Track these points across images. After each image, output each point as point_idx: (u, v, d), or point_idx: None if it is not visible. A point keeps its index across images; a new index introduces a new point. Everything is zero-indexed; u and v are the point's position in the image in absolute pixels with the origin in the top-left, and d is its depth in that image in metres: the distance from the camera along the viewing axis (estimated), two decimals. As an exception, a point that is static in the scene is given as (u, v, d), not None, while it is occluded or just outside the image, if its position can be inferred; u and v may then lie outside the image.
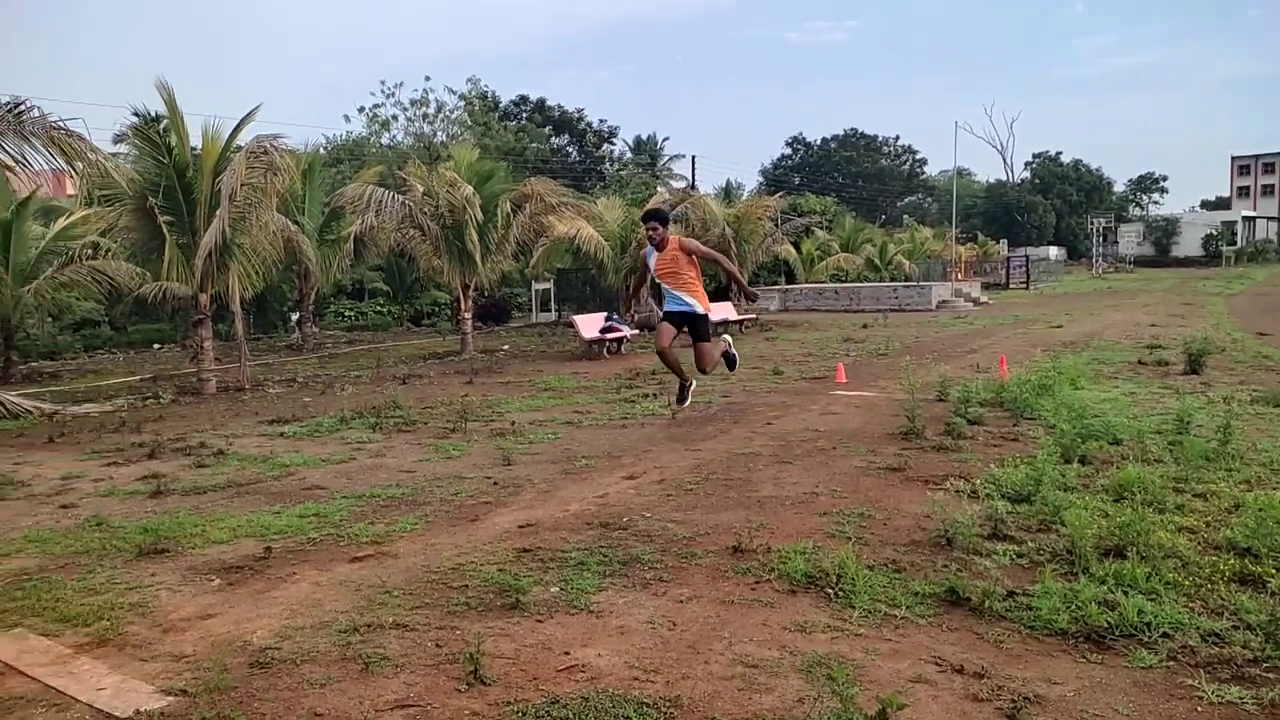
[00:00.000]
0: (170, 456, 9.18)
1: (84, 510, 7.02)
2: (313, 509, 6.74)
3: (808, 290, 36.64)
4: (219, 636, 4.33)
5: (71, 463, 9.06)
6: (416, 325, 32.25)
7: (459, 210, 19.62)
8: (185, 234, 14.72)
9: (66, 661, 4.08)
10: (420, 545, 5.76)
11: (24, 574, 5.40)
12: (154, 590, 5.03)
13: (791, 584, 4.77)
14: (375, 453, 9.07)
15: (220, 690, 3.70)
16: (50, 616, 4.65)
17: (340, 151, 42.42)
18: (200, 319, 15.13)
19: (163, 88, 14.28)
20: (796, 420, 10.10)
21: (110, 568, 5.48)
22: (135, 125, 15.29)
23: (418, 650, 4.09)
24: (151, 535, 6.06)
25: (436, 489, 7.32)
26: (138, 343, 25.38)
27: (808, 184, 71.78)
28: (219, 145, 14.80)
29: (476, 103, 48.61)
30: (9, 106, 11.19)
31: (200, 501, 7.19)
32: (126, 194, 14.48)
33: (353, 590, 4.93)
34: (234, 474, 8.23)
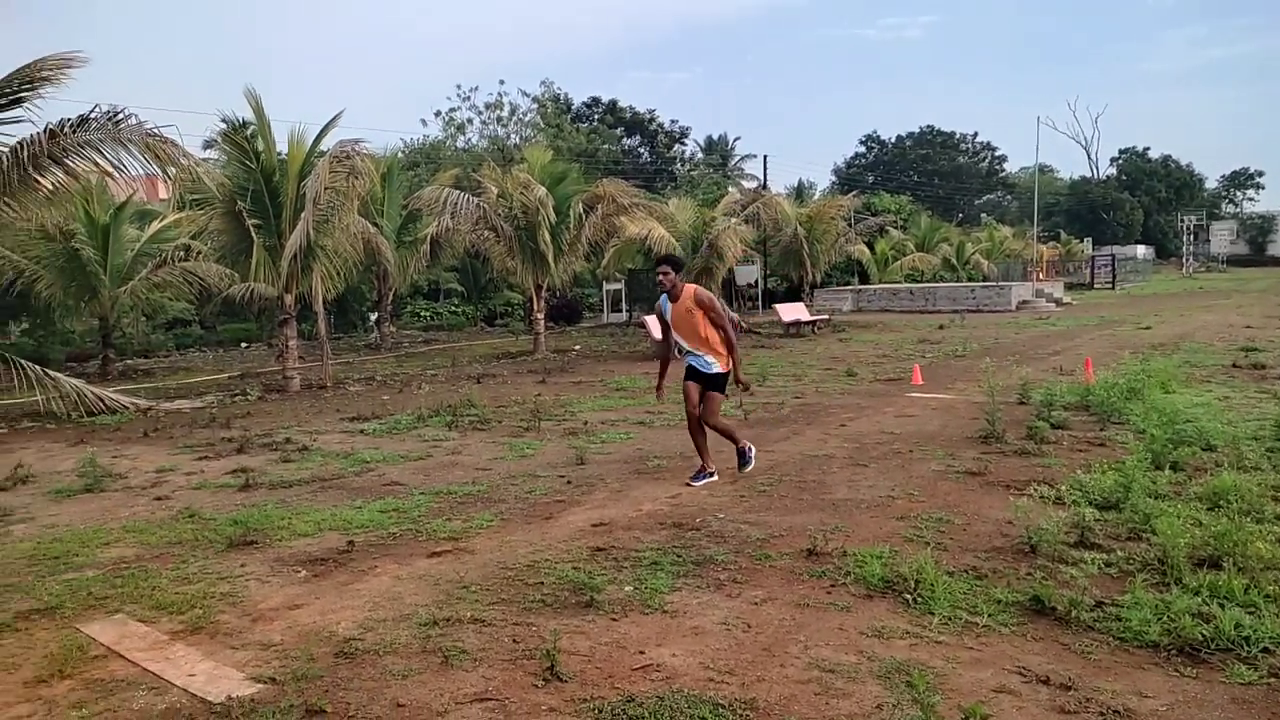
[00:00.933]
0: (258, 451, 9.50)
1: (177, 502, 7.31)
2: (392, 504, 6.90)
3: (881, 291, 36.05)
4: (305, 627, 4.46)
5: (165, 456, 9.45)
6: (490, 325, 32.72)
7: (532, 212, 19.85)
8: (271, 236, 15.21)
9: (163, 647, 4.26)
10: (496, 542, 5.85)
11: (123, 562, 5.65)
12: (244, 580, 5.21)
13: (868, 588, 4.70)
14: (451, 450, 9.23)
15: (307, 679, 3.81)
16: (147, 604, 4.86)
17: (417, 155, 43.31)
18: (285, 319, 15.61)
19: (251, 95, 14.78)
20: (871, 422, 9.95)
21: (202, 558, 5.69)
22: (225, 131, 15.88)
23: (495, 645, 4.15)
24: (241, 527, 6.28)
25: (511, 487, 7.42)
26: (226, 341, 26.33)
27: (882, 183, 70.60)
28: (304, 150, 15.25)
29: (549, 105, 49.11)
30: (108, 115, 11.70)
31: (286, 495, 7.42)
32: (216, 198, 15.04)
33: (431, 585, 5.03)
34: (317, 469, 8.48)
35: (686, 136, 62.40)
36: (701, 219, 25.69)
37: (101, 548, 6.01)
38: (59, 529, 6.56)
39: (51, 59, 11.85)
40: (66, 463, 9.21)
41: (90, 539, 6.21)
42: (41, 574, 5.46)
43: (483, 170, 22.76)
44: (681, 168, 59.81)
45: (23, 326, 22.60)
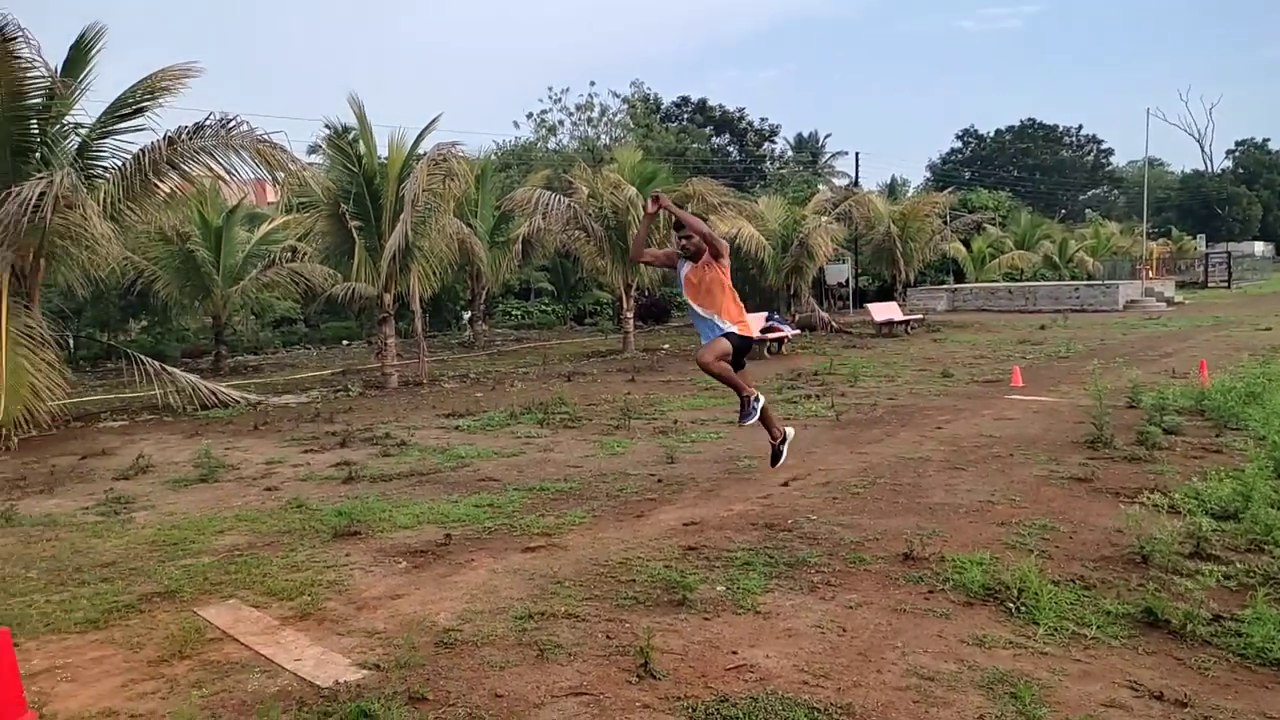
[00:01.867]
0: (359, 445, 9.83)
1: (285, 493, 7.63)
2: (487, 499, 7.05)
3: (978, 290, 35.03)
4: (407, 616, 4.60)
5: (274, 449, 9.86)
6: (579, 324, 33.08)
7: (622, 211, 19.99)
8: (372, 238, 15.71)
9: (274, 632, 4.45)
10: (588, 539, 5.91)
11: (236, 550, 5.92)
12: (348, 570, 5.40)
13: (968, 595, 4.58)
14: (543, 447, 9.37)
15: (409, 667, 3.93)
16: (259, 590, 5.08)
17: (509, 156, 44.06)
18: (384, 317, 16.10)
19: (354, 101, 15.29)
20: (969, 425, 9.68)
21: (310, 547, 5.93)
22: (329, 137, 16.49)
23: (589, 640, 4.20)
24: (345, 518, 6.51)
25: (602, 484, 7.49)
26: (329, 339, 27.30)
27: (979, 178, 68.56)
28: (403, 153, 15.70)
29: (639, 105, 49.31)
30: (221, 122, 12.28)
31: (387, 488, 7.66)
32: (321, 201, 15.61)
33: (526, 579, 5.12)
34: (415, 463, 8.72)
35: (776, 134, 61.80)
36: (791, 217, 25.43)
37: (216, 535, 6.31)
38: (177, 517, 6.92)
39: (171, 70, 12.50)
40: (183, 454, 9.70)
41: (206, 527, 6.53)
42: (162, 559, 5.76)
43: (573, 171, 23.02)
44: (771, 166, 59.31)
45: (142, 324, 23.91)
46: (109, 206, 11.64)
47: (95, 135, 12.33)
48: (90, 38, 12.01)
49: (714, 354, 6.33)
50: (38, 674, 4.01)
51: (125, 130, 12.42)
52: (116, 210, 11.96)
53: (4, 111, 11.12)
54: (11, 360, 10.85)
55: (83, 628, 4.60)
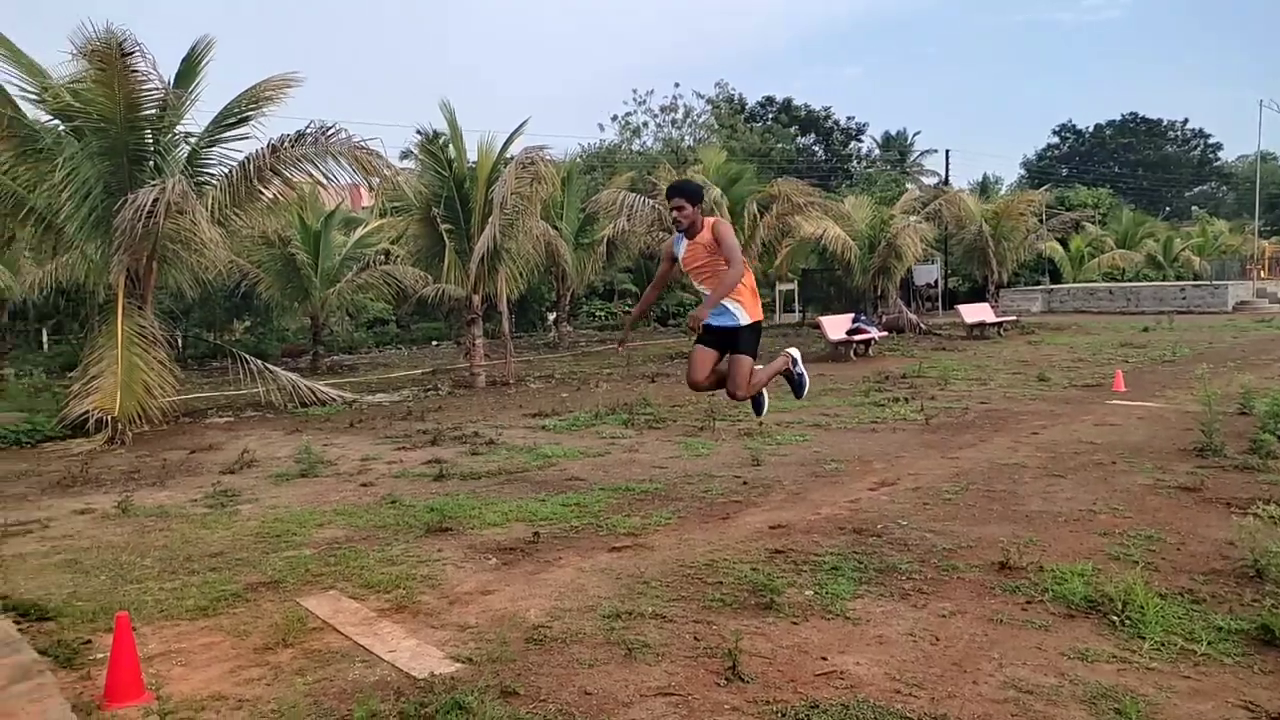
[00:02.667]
0: (449, 444, 10.05)
1: (380, 489, 7.86)
2: (574, 499, 7.13)
3: (1076, 290, 33.81)
4: (497, 612, 4.69)
5: (369, 446, 10.16)
6: (663, 325, 33.14)
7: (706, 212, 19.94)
8: (462, 240, 16.05)
9: (371, 623, 4.59)
10: (674, 540, 5.92)
11: (335, 543, 6.13)
12: (441, 565, 5.54)
13: (1069, 607, 4.43)
14: (628, 448, 9.42)
15: (501, 661, 4.00)
16: (357, 582, 5.25)
17: (594, 159, 44.43)
18: (473, 318, 16.43)
19: (445, 107, 15.67)
20: (1067, 431, 9.36)
21: (404, 542, 6.09)
22: (421, 142, 16.90)
23: (676, 641, 4.21)
24: (437, 515, 6.67)
25: (687, 486, 7.50)
26: (419, 339, 28.00)
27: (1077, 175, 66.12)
28: (492, 158, 16.00)
29: (723, 106, 49.16)
30: (321, 129, 12.71)
31: (476, 486, 7.82)
32: (414, 205, 16.03)
33: (613, 578, 5.16)
34: (503, 462, 8.87)
35: (863, 133, 60.83)
36: (879, 217, 24.97)
37: (316, 528, 6.55)
38: (280, 510, 7.20)
39: (274, 80, 13.00)
40: (284, 449, 10.09)
41: (306, 520, 6.78)
42: (266, 550, 6.00)
43: (658, 172, 23.11)
44: (857, 165, 58.38)
45: (245, 324, 24.95)
46: (216, 212, 12.18)
47: (204, 144, 12.91)
48: (200, 50, 12.59)
49: (700, 372, 5.65)
50: (154, 657, 4.23)
51: (231, 139, 12.97)
52: (223, 215, 12.50)
53: (122, 122, 11.73)
54: (126, 359, 11.45)
55: (193, 615, 4.82)
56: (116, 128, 11.77)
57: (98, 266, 12.57)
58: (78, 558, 5.93)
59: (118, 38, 10.97)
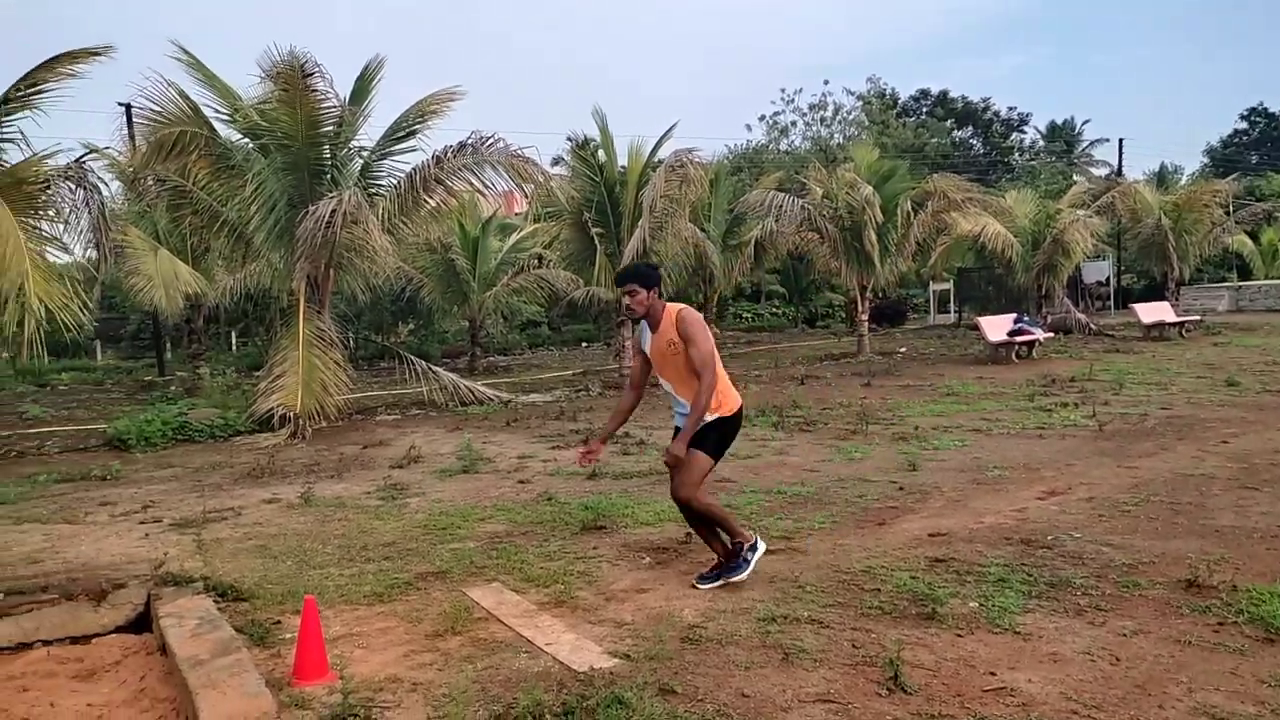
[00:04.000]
0: (601, 443, 10.24)
1: (537, 486, 8.11)
2: (725, 500, 7.10)
3: (1268, 287, 31.02)
4: (653, 610, 4.75)
5: (524, 445, 10.51)
6: (811, 327, 32.67)
7: (858, 211, 19.51)
8: (612, 244, 16.37)
9: (532, 615, 4.75)
10: (829, 544, 5.83)
11: (496, 537, 6.38)
12: (596, 562, 5.66)
13: (1268, 631, 4.08)
14: (779, 450, 9.34)
15: (657, 659, 4.06)
16: (518, 576, 5.44)
17: (740, 160, 44.28)
18: (622, 321, 16.69)
19: (598, 114, 16.05)
20: (1262, 440, 8.60)
21: (561, 538, 6.27)
22: (572, 148, 17.36)
23: (834, 648, 4.14)
24: (592, 513, 6.83)
25: (841, 490, 7.36)
26: (569, 341, 28.73)
27: (1269, 163, 60.59)
28: (641, 162, 16.25)
29: (875, 101, 47.96)
30: (481, 140, 13.26)
31: (628, 485, 7.95)
32: (565, 210, 16.47)
33: (766, 581, 5.12)
34: (654, 463, 8.96)
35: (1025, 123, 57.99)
36: (1044, 212, 23.70)
37: (479, 523, 6.83)
38: (444, 504, 7.55)
39: (439, 94, 13.66)
40: (447, 446, 10.57)
41: (469, 514, 7.08)
42: (433, 542, 6.31)
43: (807, 171, 22.79)
44: (1019, 158, 55.62)
45: (409, 327, 26.30)
46: (386, 221, 12.91)
47: (375, 157, 13.71)
48: (372, 69, 13.37)
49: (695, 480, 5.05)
50: (336, 639, 4.52)
51: (399, 151, 13.72)
52: (392, 224, 13.24)
53: (303, 139, 12.62)
54: (306, 359, 12.30)
55: (370, 600, 5.13)
56: (298, 144, 12.66)
57: (281, 273, 13.56)
58: (267, 544, 6.41)
59: (300, 60, 11.80)
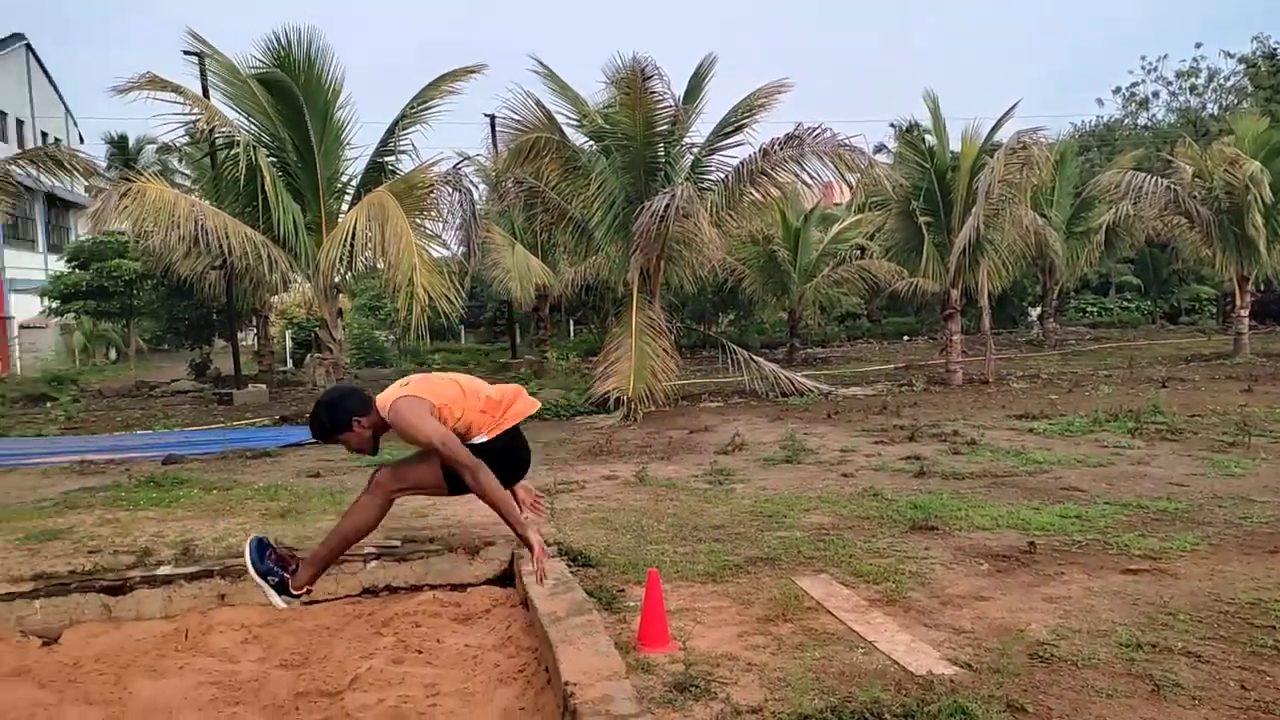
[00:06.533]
0: (927, 441, 9.86)
1: (861, 481, 7.98)
2: (1073, 510, 6.55)
3: None
4: (994, 620, 4.49)
5: (846, 437, 10.38)
6: (1172, 323, 29.02)
7: (1239, 191, 16.98)
8: (941, 233, 15.63)
9: (863, 611, 4.68)
10: (1205, 569, 5.15)
11: (822, 529, 6.36)
12: (928, 563, 5.45)
13: None
14: (1136, 460, 8.41)
15: (1003, 673, 3.83)
16: (846, 569, 5.39)
17: (1089, 138, 40.22)
18: (950, 313, 15.90)
19: (929, 97, 15.37)
20: None
21: (889, 535, 6.12)
22: (900, 134, 16.79)
23: (1217, 686, 3.66)
24: (921, 511, 6.59)
25: (1218, 509, 6.47)
26: (889, 334, 27.91)
27: None
28: (976, 145, 15.33)
29: (1262, 64, 41.26)
30: (808, 130, 13.23)
31: (959, 486, 7.57)
32: (891, 199, 15.97)
33: (1129, 603, 4.64)
34: (987, 464, 8.47)
35: None
36: None
37: (804, 513, 6.86)
38: (769, 492, 7.67)
39: (766, 88, 13.87)
40: (769, 435, 10.72)
41: (794, 504, 7.13)
42: (760, 528, 6.44)
43: (1175, 148, 20.19)
44: None
45: (729, 317, 27.00)
46: (713, 214, 13.35)
47: (705, 153, 14.21)
48: (705, 68, 13.87)
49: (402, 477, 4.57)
50: (674, 612, 4.76)
51: (727, 146, 14.11)
52: (719, 217, 13.67)
53: (641, 139, 13.38)
54: (638, 346, 13.06)
55: (703, 579, 5.34)
56: (636, 144, 13.45)
57: (618, 265, 14.50)
58: (608, 517, 6.91)
59: (640, 65, 12.52)
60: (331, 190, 13.38)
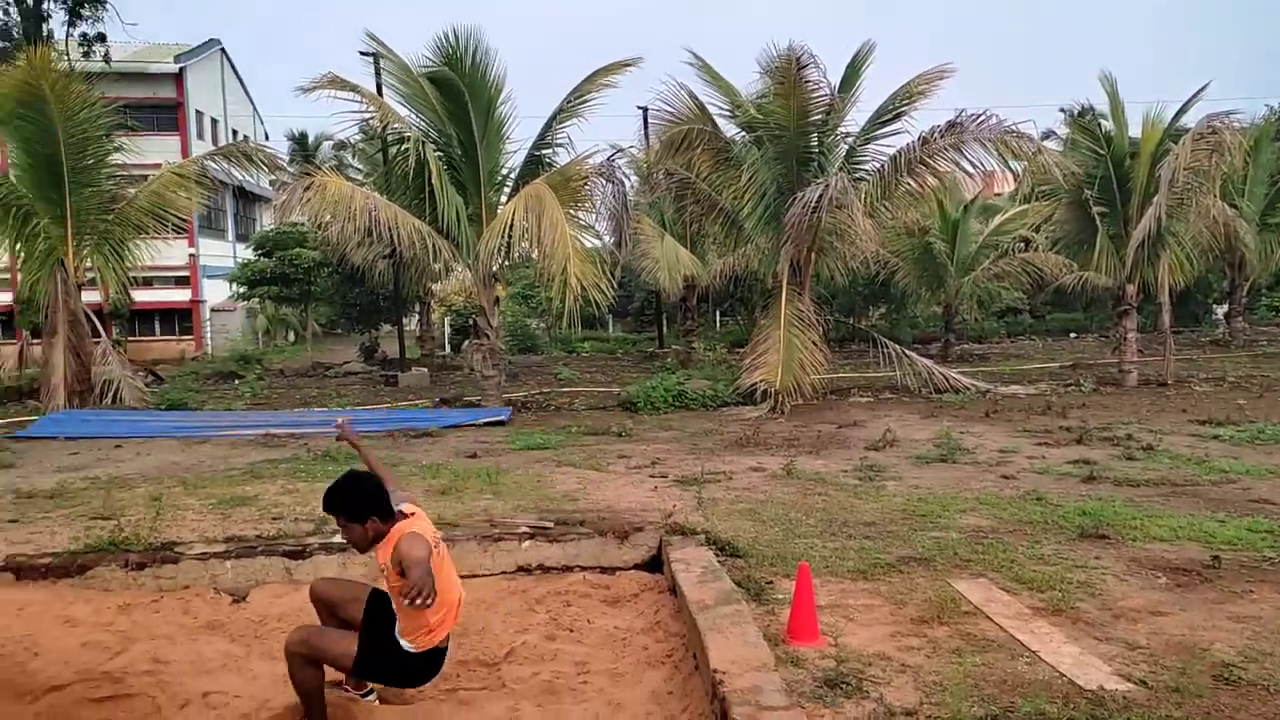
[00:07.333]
0: (1097, 445, 9.31)
1: (1022, 483, 7.62)
2: (1264, 525, 6.04)
3: None
4: (1172, 637, 4.20)
5: (1006, 438, 9.92)
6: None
7: None
8: (1116, 224, 14.68)
9: (1026, 619, 4.48)
10: None
11: (980, 531, 6.12)
12: (1099, 573, 5.16)
13: None
14: (1344, 475, 7.65)
15: (1183, 693, 3.58)
16: (1007, 574, 5.17)
17: (1289, 121, 36.62)
18: (1125, 309, 14.91)
19: (1105, 79, 14.44)
20: None
21: (1054, 542, 5.82)
22: (1072, 119, 15.85)
23: None
24: (1091, 519, 6.23)
25: None
26: (1054, 330, 26.44)
27: None
28: (1159, 130, 14.31)
29: None
30: (972, 117, 12.68)
31: (1133, 494, 7.11)
32: (1062, 188, 15.08)
33: (1331, 629, 4.24)
34: (1166, 471, 7.91)
35: None
36: None
37: (959, 514, 6.61)
38: (922, 490, 7.44)
39: (926, 74, 13.39)
40: (922, 433, 10.38)
41: (949, 504, 6.89)
42: (913, 528, 6.25)
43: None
44: None
45: (880, 311, 26.26)
46: (868, 205, 13.01)
47: (860, 142, 13.86)
48: (862, 55, 13.52)
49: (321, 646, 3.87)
50: (823, 607, 4.70)
51: (884, 134, 13.71)
52: (873, 208, 13.31)
53: (794, 129, 13.19)
54: (786, 338, 12.90)
55: (853, 576, 5.25)
56: (789, 134, 13.27)
57: (767, 257, 14.36)
58: (756, 509, 6.88)
59: (796, 54, 12.34)
60: (492, 183, 13.85)
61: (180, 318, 32.83)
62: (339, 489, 3.89)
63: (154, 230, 15.25)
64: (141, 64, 31.19)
